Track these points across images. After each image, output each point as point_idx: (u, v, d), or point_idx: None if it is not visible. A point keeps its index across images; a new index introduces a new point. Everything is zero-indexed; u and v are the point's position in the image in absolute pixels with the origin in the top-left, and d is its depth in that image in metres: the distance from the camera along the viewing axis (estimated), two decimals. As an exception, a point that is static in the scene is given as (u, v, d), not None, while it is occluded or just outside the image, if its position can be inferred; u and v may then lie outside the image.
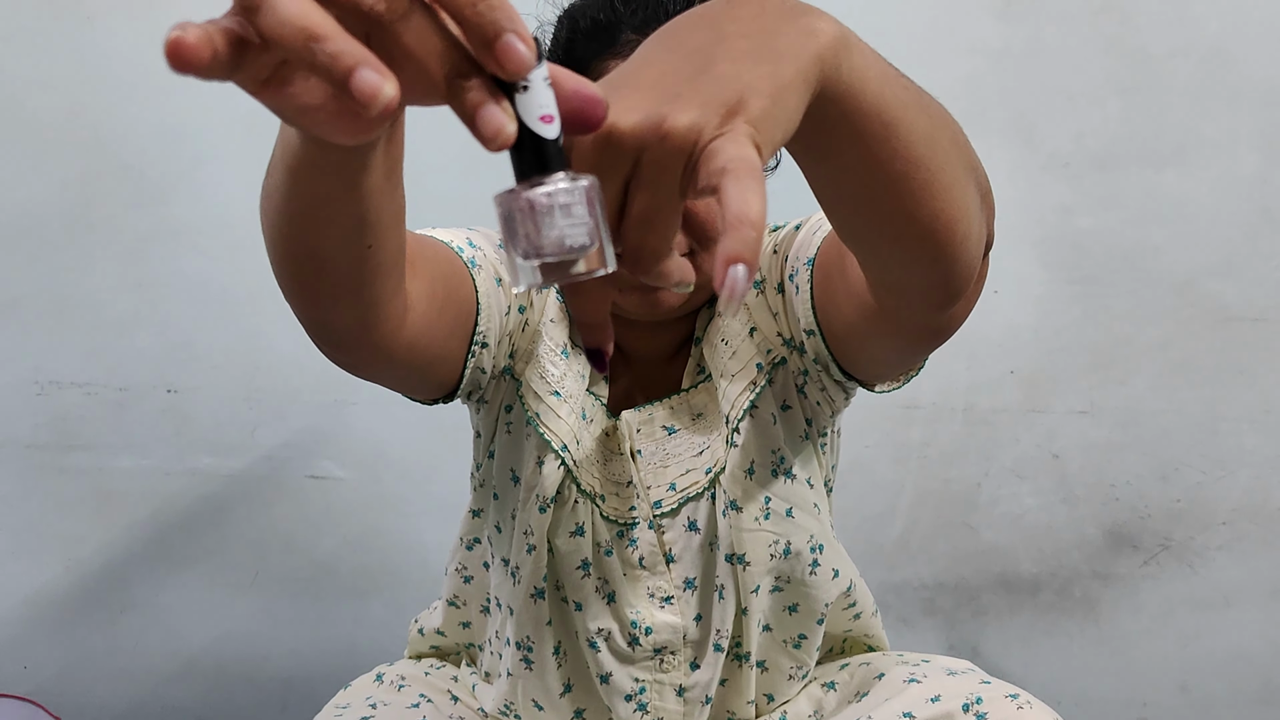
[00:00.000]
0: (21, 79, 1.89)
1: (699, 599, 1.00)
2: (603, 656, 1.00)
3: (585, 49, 0.90)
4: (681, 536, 0.99)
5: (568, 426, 0.96)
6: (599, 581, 1.00)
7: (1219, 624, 1.79)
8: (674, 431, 0.99)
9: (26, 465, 1.86)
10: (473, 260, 0.90)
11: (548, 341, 0.99)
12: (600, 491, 0.99)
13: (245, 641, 1.85)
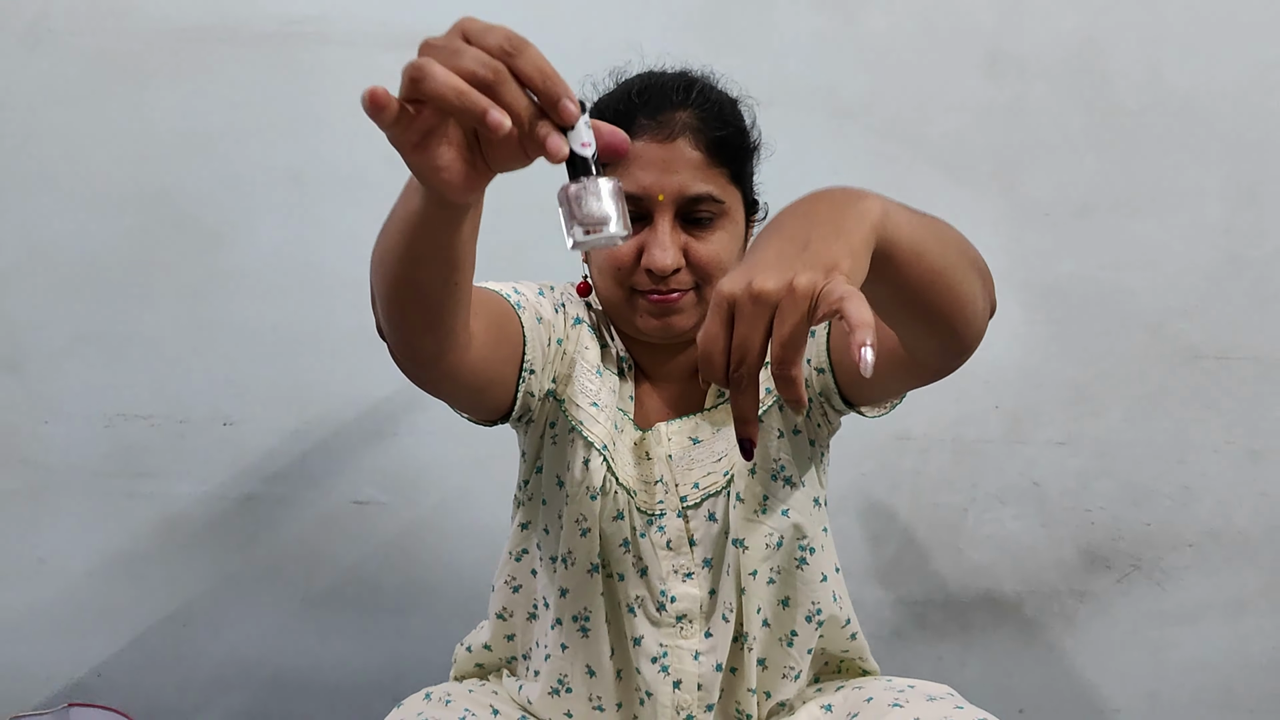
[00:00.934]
0: (87, 137, 1.87)
1: (712, 576, 1.15)
2: (637, 620, 1.15)
3: None
4: (703, 525, 1.15)
5: (605, 430, 1.13)
6: (634, 558, 1.15)
7: (1185, 637, 1.76)
8: (698, 442, 1.15)
9: (97, 491, 1.85)
10: (519, 304, 1.09)
11: (582, 364, 1.15)
12: (632, 487, 1.14)
13: (297, 652, 1.83)
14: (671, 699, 1.17)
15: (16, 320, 1.87)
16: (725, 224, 1.12)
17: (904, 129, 1.79)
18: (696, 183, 1.08)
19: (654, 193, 1.08)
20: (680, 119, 1.09)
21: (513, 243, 1.81)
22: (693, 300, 1.12)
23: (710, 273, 1.11)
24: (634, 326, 1.13)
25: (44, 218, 1.87)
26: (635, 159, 1.09)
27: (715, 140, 1.10)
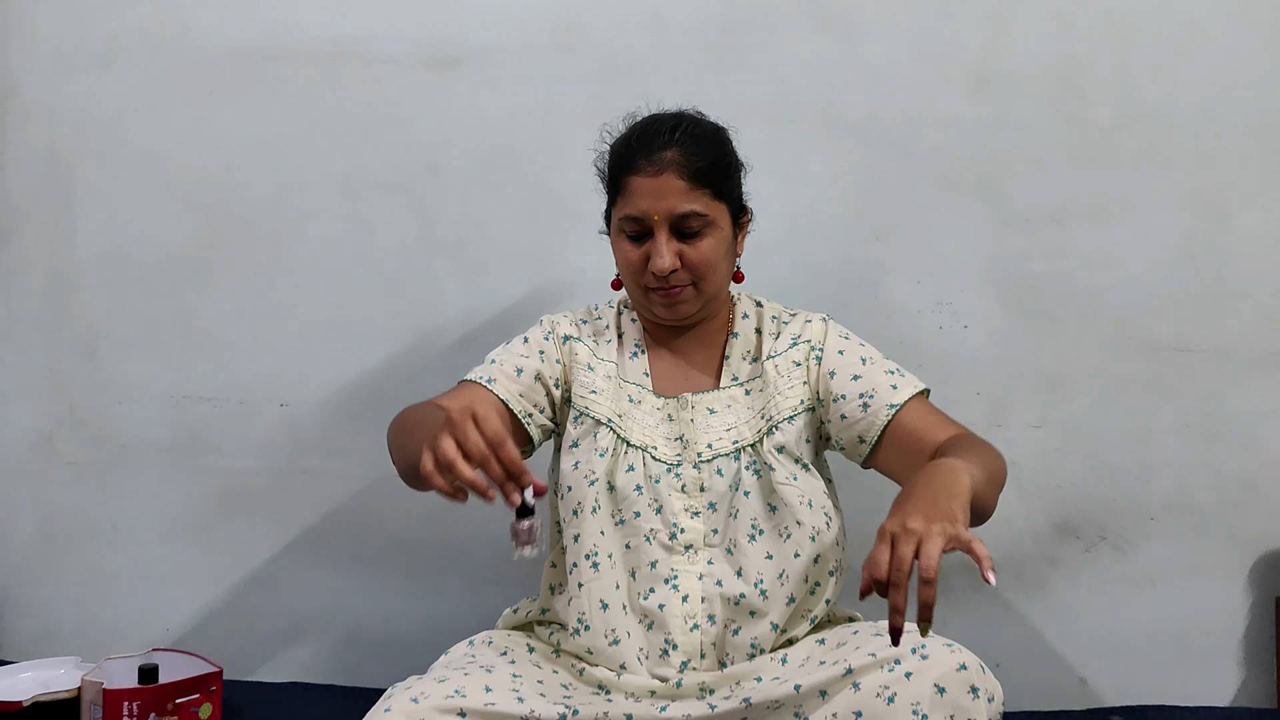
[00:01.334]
0: (157, 145, 1.97)
1: (717, 518, 1.38)
2: (653, 548, 1.37)
3: (620, 172, 1.42)
4: (712, 477, 1.39)
5: (608, 407, 1.42)
6: (651, 499, 1.38)
7: (1146, 600, 1.84)
8: (714, 412, 1.43)
9: (165, 466, 1.95)
10: (490, 379, 1.43)
11: (577, 367, 1.46)
12: (654, 443, 1.41)
13: (348, 609, 1.93)
14: (680, 610, 1.36)
15: (94, 311, 1.98)
16: (712, 232, 1.40)
17: (897, 142, 1.86)
18: (683, 204, 1.38)
19: (650, 215, 1.38)
20: (667, 156, 1.38)
21: (545, 245, 1.94)
22: (692, 293, 1.42)
23: (702, 271, 1.41)
24: (651, 313, 1.46)
25: (119, 219, 1.98)
26: (635, 190, 1.39)
27: (696, 170, 1.38)
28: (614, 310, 1.55)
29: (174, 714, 1.55)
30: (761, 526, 1.40)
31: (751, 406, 1.45)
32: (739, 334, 1.50)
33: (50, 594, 1.97)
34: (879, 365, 1.45)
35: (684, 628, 1.36)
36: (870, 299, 1.89)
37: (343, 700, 1.68)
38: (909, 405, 1.41)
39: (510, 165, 1.93)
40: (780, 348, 1.47)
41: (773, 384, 1.45)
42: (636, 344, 1.51)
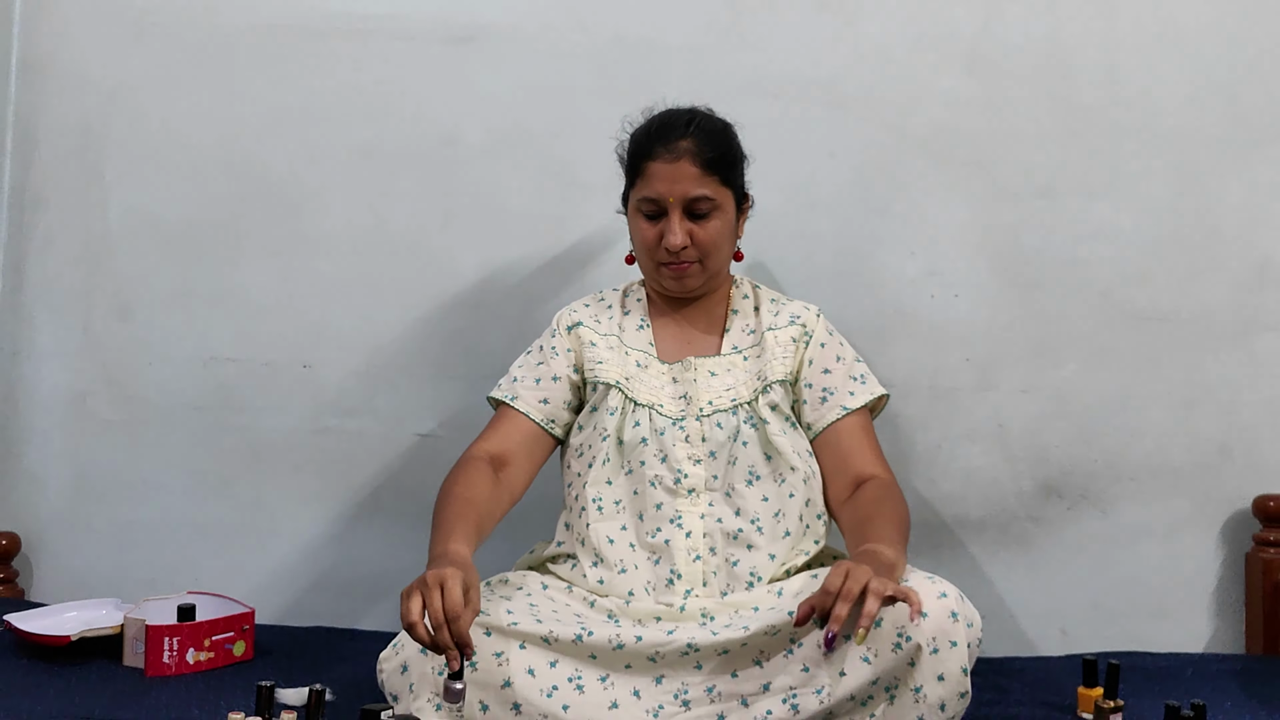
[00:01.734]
0: (184, 116, 2.05)
1: (717, 465, 1.53)
2: (658, 492, 1.51)
3: (639, 159, 1.58)
4: (713, 430, 1.54)
5: (617, 371, 1.59)
6: (656, 450, 1.53)
7: (1124, 557, 1.92)
8: (715, 375, 1.59)
9: (194, 424, 2.04)
10: (514, 396, 1.62)
11: (586, 346, 1.62)
12: (660, 401, 1.57)
13: (366, 561, 2.01)
14: (684, 544, 1.51)
15: (126, 275, 2.06)
16: (719, 215, 1.57)
17: (893, 120, 1.95)
18: (695, 188, 1.55)
19: (666, 197, 1.55)
20: (683, 145, 1.55)
21: (557, 215, 2.00)
22: (698, 269, 1.59)
23: (708, 249, 1.58)
24: (661, 286, 1.63)
25: (149, 187, 2.06)
26: (653, 175, 1.55)
27: (708, 159, 1.55)
28: (619, 293, 1.71)
29: (210, 650, 1.65)
30: (759, 472, 1.54)
31: (749, 370, 1.60)
32: (739, 310, 1.66)
33: (84, 545, 2.07)
34: (847, 367, 1.63)
35: (687, 559, 1.49)
36: (866, 268, 1.98)
37: (365, 642, 1.77)
38: (857, 414, 1.60)
39: (524, 138, 2.01)
40: (780, 323, 1.64)
41: (770, 351, 1.61)
42: (642, 318, 1.67)
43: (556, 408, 1.61)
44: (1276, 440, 1.94)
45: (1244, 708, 1.56)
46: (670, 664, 1.35)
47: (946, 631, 1.30)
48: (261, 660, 1.70)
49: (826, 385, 1.60)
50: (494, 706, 1.32)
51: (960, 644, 1.30)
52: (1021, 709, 1.56)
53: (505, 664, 1.33)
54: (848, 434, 1.58)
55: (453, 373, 2.03)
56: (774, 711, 1.32)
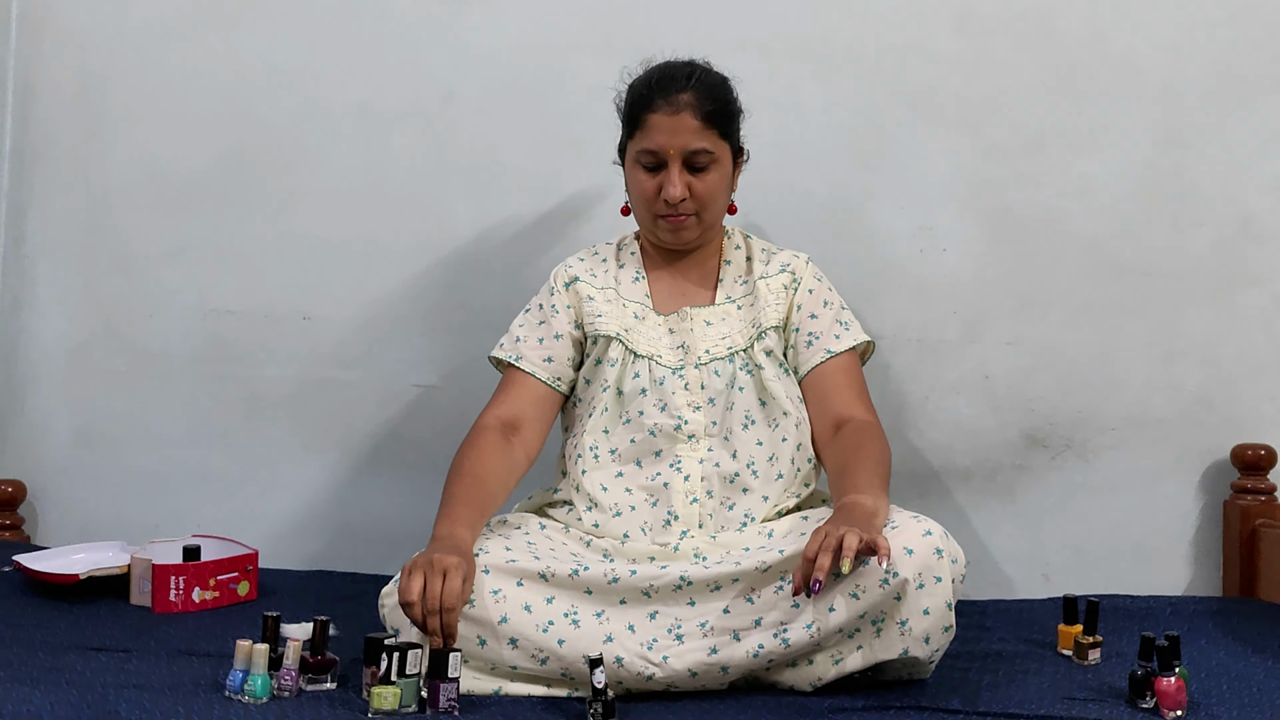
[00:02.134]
0: (185, 72, 2.06)
1: (715, 411, 1.56)
2: (658, 439, 1.55)
3: (639, 109, 1.58)
4: (711, 377, 1.57)
5: (616, 323, 1.61)
6: (656, 399, 1.57)
7: (1106, 504, 1.97)
8: (710, 324, 1.62)
9: (195, 375, 2.06)
10: (518, 357, 1.63)
11: (585, 301, 1.64)
12: (658, 351, 1.59)
13: (364, 508, 2.04)
14: (683, 487, 1.54)
15: (127, 229, 2.08)
16: (716, 168, 1.59)
17: (884, 76, 1.98)
18: (695, 141, 1.56)
19: (666, 149, 1.56)
20: (683, 99, 1.56)
21: (553, 169, 2.02)
22: (695, 222, 1.61)
23: (706, 202, 1.60)
24: (657, 238, 1.65)
25: (150, 141, 2.08)
26: (653, 127, 1.56)
27: (708, 112, 1.56)
28: (614, 246, 1.72)
29: (215, 589, 1.69)
30: (754, 417, 1.57)
31: (743, 318, 1.63)
32: (731, 261, 1.68)
33: (88, 493, 2.10)
34: (834, 313, 1.66)
35: (685, 501, 1.53)
36: (856, 223, 2.02)
37: (365, 584, 1.81)
38: (841, 357, 1.63)
39: (520, 95, 2.04)
40: (771, 271, 1.66)
41: (763, 298, 1.63)
42: (638, 271, 1.69)
43: (561, 365, 1.63)
44: (1255, 392, 1.98)
45: (1219, 644, 1.61)
46: (664, 598, 1.39)
47: (932, 567, 1.34)
48: (265, 600, 1.75)
49: (813, 330, 1.64)
50: (491, 641, 1.36)
51: (945, 579, 1.35)
52: (1004, 645, 1.61)
53: (502, 600, 1.37)
54: (831, 376, 1.61)
55: (450, 325, 2.06)
56: (765, 645, 1.36)
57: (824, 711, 1.30)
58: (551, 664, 1.35)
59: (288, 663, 1.29)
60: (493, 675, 1.37)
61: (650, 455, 1.57)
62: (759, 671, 1.38)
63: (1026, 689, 1.39)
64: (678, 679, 1.35)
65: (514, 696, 1.36)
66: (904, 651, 1.35)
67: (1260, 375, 1.99)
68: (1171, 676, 1.31)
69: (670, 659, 1.35)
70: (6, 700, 1.19)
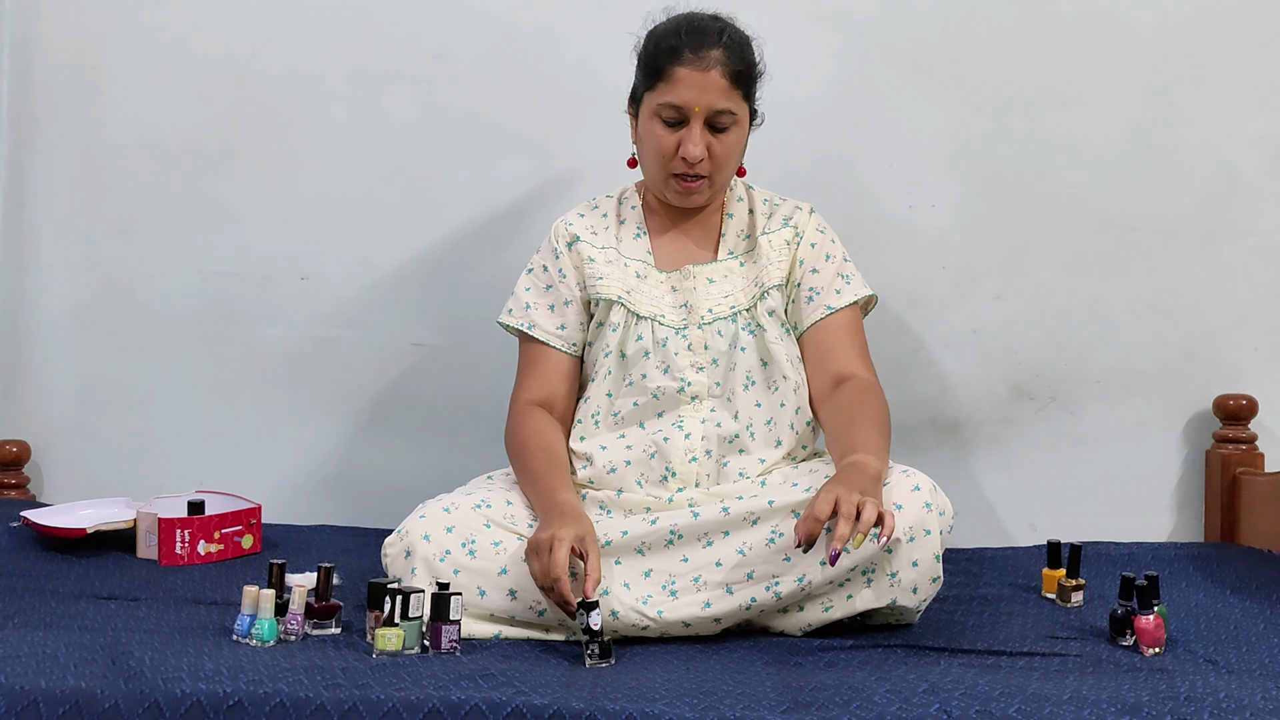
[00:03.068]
0: (181, 32, 2.07)
1: (719, 372, 1.55)
2: (663, 400, 1.54)
3: (665, 60, 1.52)
4: (714, 337, 1.56)
5: (618, 286, 1.59)
6: (659, 361, 1.56)
7: (1091, 455, 2.00)
8: (713, 282, 1.59)
9: (195, 335, 2.08)
10: (530, 325, 1.63)
11: (587, 263, 1.61)
12: (661, 312, 1.58)
13: (365, 463, 2.07)
14: (683, 445, 1.54)
15: (126, 190, 2.09)
16: (736, 130, 1.56)
17: (873, 33, 1.99)
18: (721, 100, 1.52)
19: (692, 106, 1.52)
20: (714, 56, 1.52)
21: (547, 130, 2.03)
22: (707, 185, 1.58)
23: (722, 164, 1.57)
24: (665, 196, 1.61)
25: (147, 103, 2.08)
26: (680, 81, 1.52)
27: (736, 73, 1.53)
28: (614, 200, 1.69)
29: (220, 543, 1.72)
30: (754, 378, 1.58)
31: (746, 276, 1.62)
32: (734, 215, 1.66)
33: (92, 452, 2.13)
34: (836, 266, 1.64)
35: (684, 459, 1.53)
36: (847, 180, 2.04)
37: (366, 537, 1.85)
38: (842, 313, 1.61)
39: (514, 53, 2.05)
40: (773, 226, 1.65)
41: (765, 256, 1.62)
42: (639, 227, 1.66)
43: (574, 330, 1.63)
44: (1237, 343, 2.01)
45: (1198, 587, 1.66)
46: (657, 555, 1.42)
47: (921, 521, 1.38)
48: (269, 552, 1.79)
49: (814, 285, 1.62)
50: (491, 592, 1.39)
51: (934, 532, 1.38)
52: (990, 589, 1.65)
53: (503, 553, 1.40)
54: (831, 332, 1.60)
55: (448, 284, 2.08)
56: (757, 598, 1.39)
57: (813, 650, 1.34)
58: (549, 615, 1.39)
59: (293, 608, 1.32)
60: (493, 621, 1.40)
61: (653, 417, 1.57)
62: (751, 618, 1.41)
63: (1010, 629, 1.44)
64: (671, 629, 1.39)
65: (513, 639, 1.39)
66: (893, 601, 1.40)
67: (1242, 327, 2.01)
68: (1150, 615, 1.34)
69: (665, 613, 1.38)
70: (22, 644, 1.22)
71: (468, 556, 1.38)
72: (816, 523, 1.29)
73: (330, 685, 1.11)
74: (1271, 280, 2.02)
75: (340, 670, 1.16)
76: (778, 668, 1.27)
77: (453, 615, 1.28)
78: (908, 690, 1.14)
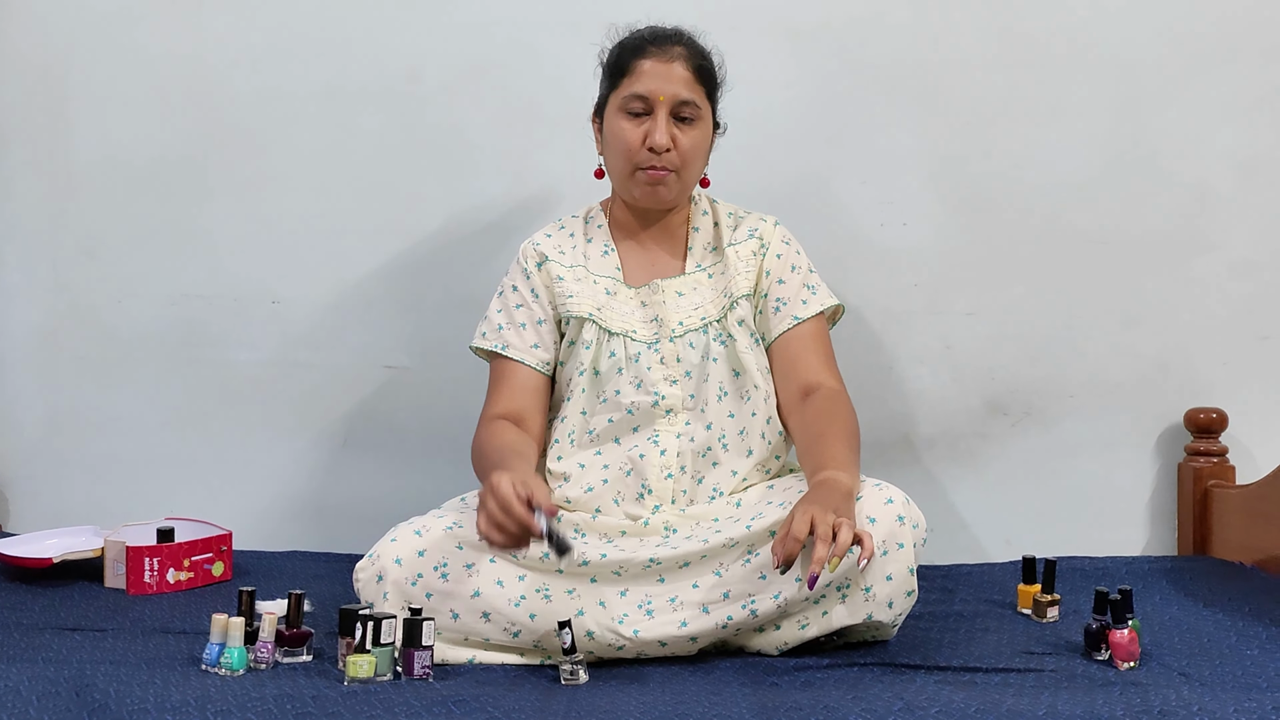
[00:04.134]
0: (150, 53, 2.06)
1: (692, 384, 1.57)
2: (638, 415, 1.55)
3: (629, 57, 1.59)
4: (686, 350, 1.58)
5: (588, 303, 1.60)
6: (632, 377, 1.56)
7: (1065, 469, 2.01)
8: (682, 295, 1.61)
9: (164, 359, 2.07)
10: (504, 345, 1.64)
11: (556, 282, 1.63)
12: (633, 327, 1.59)
13: (337, 488, 2.06)
14: (658, 461, 1.55)
15: (92, 213, 2.08)
16: (701, 125, 1.60)
17: (846, 50, 2.01)
18: (685, 91, 1.58)
19: (657, 95, 1.57)
20: (676, 50, 1.59)
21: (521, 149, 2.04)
22: (674, 179, 1.60)
23: (688, 157, 1.60)
24: (632, 195, 1.62)
25: (115, 125, 2.07)
26: (645, 72, 1.57)
27: (699, 67, 1.59)
28: (580, 220, 1.71)
29: (190, 570, 1.71)
30: (726, 389, 1.59)
31: (714, 288, 1.64)
32: (699, 228, 1.68)
33: (59, 480, 2.11)
34: (801, 277, 1.66)
35: (659, 475, 1.54)
36: (820, 197, 2.05)
37: (338, 563, 1.83)
38: (808, 323, 1.63)
39: (486, 74, 2.05)
40: (739, 238, 1.67)
41: (733, 267, 1.64)
42: (606, 244, 1.68)
43: (547, 349, 1.64)
44: (1208, 357, 2.04)
45: (1172, 600, 1.67)
46: (633, 578, 1.42)
47: (894, 534, 1.39)
48: (240, 580, 1.77)
49: (780, 295, 1.64)
50: (464, 615, 1.38)
51: (907, 545, 1.39)
52: (966, 606, 1.65)
53: (475, 575, 1.40)
54: (798, 342, 1.61)
55: (420, 306, 2.08)
56: (734, 617, 1.39)
57: (789, 670, 1.34)
58: (524, 637, 1.38)
59: (264, 636, 1.31)
60: (466, 645, 1.40)
61: (629, 432, 1.58)
62: (727, 637, 1.41)
63: (986, 645, 1.44)
64: (648, 649, 1.39)
65: (488, 665, 1.39)
66: (868, 616, 1.40)
67: (1213, 341, 2.04)
68: (1125, 629, 1.35)
69: (641, 633, 1.38)
70: (-15, 678, 1.21)
71: (440, 580, 1.38)
72: (796, 543, 1.29)
73: (300, 714, 1.10)
74: (1241, 294, 2.04)
75: (311, 699, 1.15)
76: (754, 688, 1.27)
77: (425, 640, 1.27)
78: (883, 709, 1.14)
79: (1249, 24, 2.03)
